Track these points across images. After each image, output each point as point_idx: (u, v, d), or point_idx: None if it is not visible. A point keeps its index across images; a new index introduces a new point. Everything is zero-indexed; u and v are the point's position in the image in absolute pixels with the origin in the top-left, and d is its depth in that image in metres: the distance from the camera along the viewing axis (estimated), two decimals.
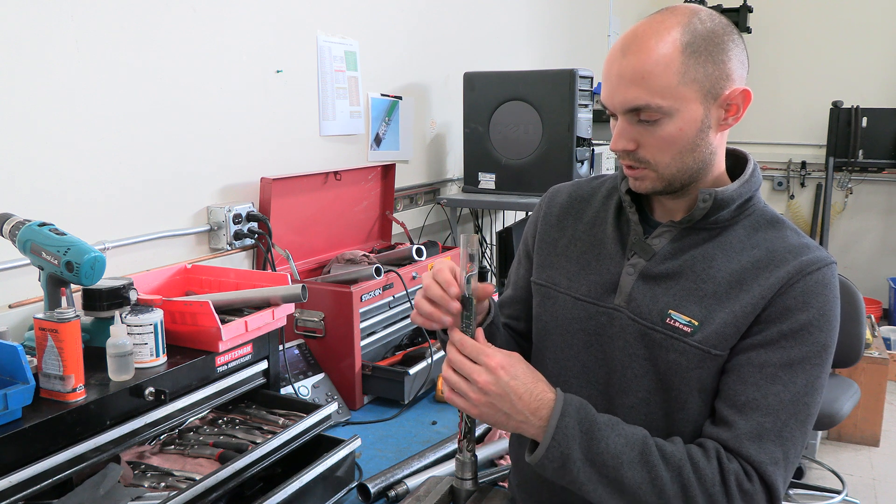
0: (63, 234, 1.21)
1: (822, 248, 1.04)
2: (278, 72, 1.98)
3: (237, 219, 1.83)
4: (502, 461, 1.57)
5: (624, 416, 1.06)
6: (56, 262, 1.18)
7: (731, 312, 1.00)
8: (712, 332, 1.00)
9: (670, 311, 1.03)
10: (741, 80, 1.01)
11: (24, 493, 1.03)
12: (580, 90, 2.53)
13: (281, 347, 1.63)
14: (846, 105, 5.01)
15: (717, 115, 1.01)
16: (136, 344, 1.24)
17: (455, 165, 2.97)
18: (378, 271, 1.86)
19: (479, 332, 1.04)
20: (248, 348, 1.46)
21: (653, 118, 0.98)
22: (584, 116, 2.58)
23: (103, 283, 1.29)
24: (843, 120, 5.00)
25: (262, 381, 1.52)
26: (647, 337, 1.05)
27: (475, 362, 0.98)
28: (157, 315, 1.27)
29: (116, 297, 1.31)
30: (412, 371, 1.83)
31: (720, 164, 1.07)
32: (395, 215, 2.39)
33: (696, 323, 1.01)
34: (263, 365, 1.52)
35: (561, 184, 1.28)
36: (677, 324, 1.02)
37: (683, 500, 0.95)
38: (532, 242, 1.25)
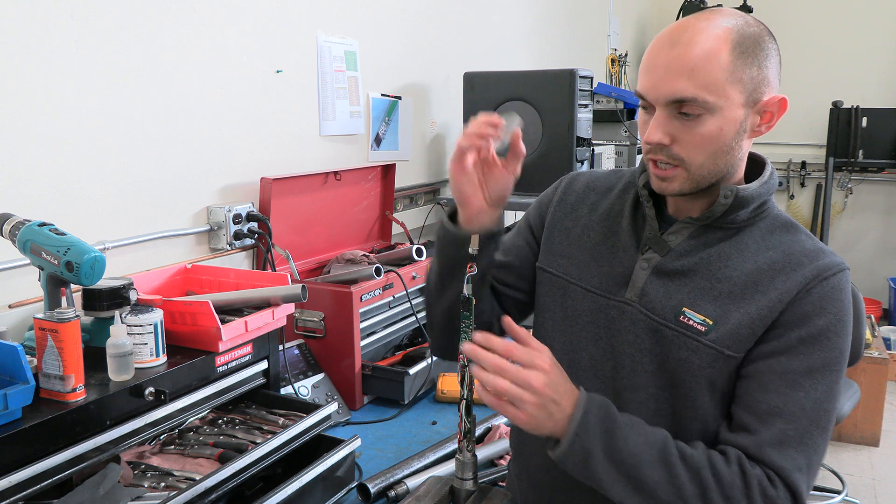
0: (63, 234, 1.21)
1: (836, 254, 1.04)
2: (278, 72, 1.98)
3: (237, 219, 1.83)
4: (502, 461, 1.57)
5: (632, 412, 1.05)
6: (56, 262, 1.18)
7: (746, 314, 1.00)
8: (726, 333, 1.00)
9: (684, 308, 1.03)
10: (776, 89, 1.02)
11: (24, 493, 1.03)
12: (580, 90, 2.52)
13: (281, 347, 1.63)
14: (846, 105, 5.01)
15: (752, 120, 1.01)
16: (136, 344, 1.24)
17: None
18: (378, 271, 1.86)
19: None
20: (248, 348, 1.46)
21: (695, 112, 0.97)
22: (584, 116, 2.57)
23: (103, 283, 1.29)
24: (843, 120, 5.00)
25: (262, 381, 1.52)
26: (657, 333, 1.05)
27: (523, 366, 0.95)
28: (157, 315, 1.27)
29: (116, 297, 1.31)
30: (412, 371, 1.83)
31: (741, 171, 1.07)
32: (395, 215, 2.39)
33: (711, 322, 1.01)
34: (263, 365, 1.51)
35: (580, 171, 1.27)
36: (691, 322, 1.02)
37: (702, 502, 0.95)
38: (539, 221, 1.23)
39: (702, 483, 0.95)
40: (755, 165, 1.11)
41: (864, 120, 4.98)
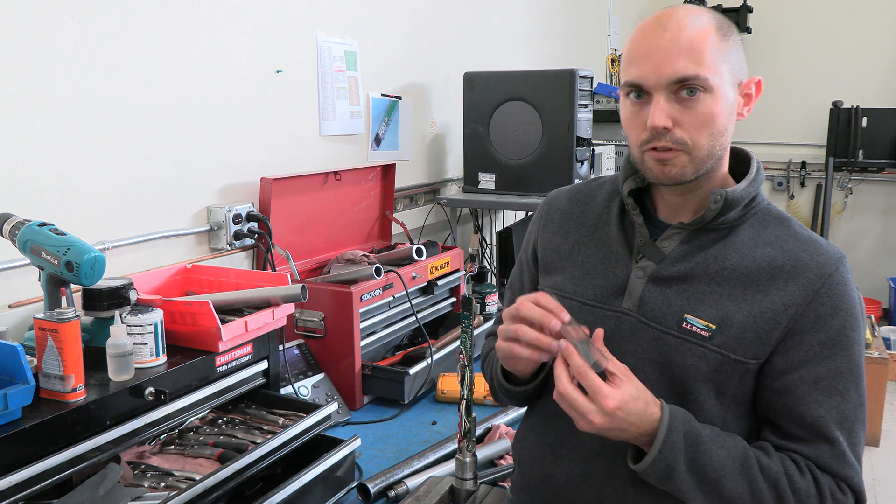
0: (63, 234, 1.21)
1: (830, 243, 1.06)
2: (278, 72, 1.98)
3: (237, 219, 1.83)
4: (502, 461, 1.57)
5: None
6: (56, 262, 1.18)
7: (749, 315, 1.01)
8: (731, 337, 1.01)
9: (686, 315, 1.03)
10: (748, 74, 1.05)
11: (24, 493, 1.03)
12: (580, 90, 2.53)
13: (281, 347, 1.63)
14: (846, 105, 5.00)
15: (737, 102, 1.03)
16: (136, 344, 1.24)
17: (455, 165, 2.97)
18: (378, 271, 1.86)
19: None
20: (248, 348, 1.46)
21: (696, 89, 0.98)
22: (584, 116, 2.58)
23: (103, 283, 1.29)
24: (843, 120, 5.00)
25: (261, 381, 1.52)
26: (660, 341, 1.05)
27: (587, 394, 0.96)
28: (157, 315, 1.27)
29: (116, 297, 1.31)
30: (412, 371, 1.83)
31: (727, 161, 1.08)
32: (395, 215, 2.39)
33: (714, 327, 1.02)
34: (263, 365, 1.52)
35: (559, 189, 1.27)
36: (694, 328, 1.02)
37: None
38: (532, 254, 1.25)
39: (780, 494, 0.98)
40: (740, 160, 1.11)
41: (864, 120, 4.97)
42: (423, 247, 2.09)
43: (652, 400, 0.99)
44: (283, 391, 1.62)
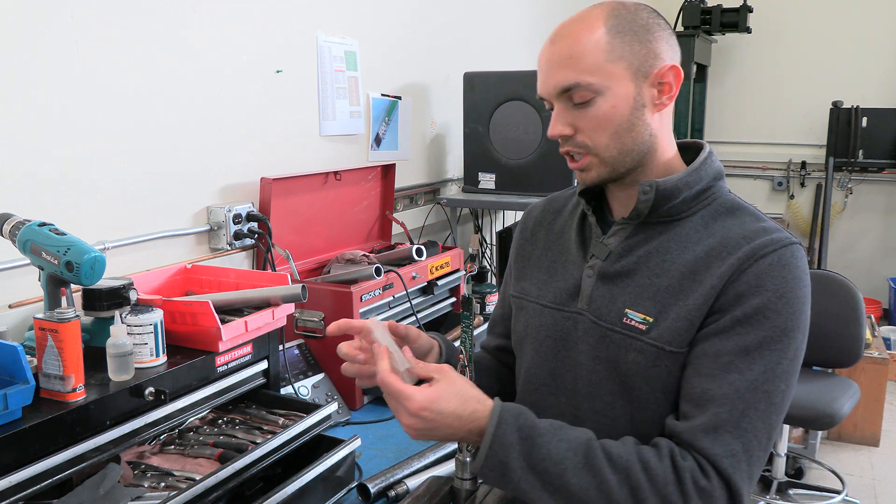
0: (63, 234, 1.21)
1: (783, 230, 1.00)
2: (278, 72, 1.98)
3: (237, 219, 1.83)
4: None
5: (591, 422, 1.04)
6: (56, 262, 1.18)
7: (683, 306, 0.98)
8: (666, 329, 0.98)
9: (626, 309, 1.02)
10: (669, 60, 1.02)
11: (24, 493, 1.02)
12: None
13: (281, 347, 1.63)
14: (846, 105, 5.00)
15: (649, 94, 1.02)
16: (136, 344, 1.24)
17: (455, 165, 2.97)
18: (378, 271, 1.86)
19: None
20: (248, 348, 1.46)
21: (585, 98, 1.00)
22: None
23: (103, 283, 1.29)
24: (843, 120, 4.99)
25: (262, 381, 1.52)
26: (606, 338, 1.04)
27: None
28: (157, 315, 1.27)
29: (116, 297, 1.31)
30: None
31: (666, 150, 1.06)
32: (395, 215, 2.39)
33: (651, 319, 1.00)
34: (263, 365, 1.52)
35: (538, 201, 1.30)
36: (633, 322, 1.01)
37: (634, 503, 0.90)
38: (511, 264, 1.27)
39: (632, 484, 0.90)
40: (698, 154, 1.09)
41: (864, 120, 4.97)
42: (423, 247, 2.09)
43: (478, 397, 0.95)
44: (283, 391, 1.62)
